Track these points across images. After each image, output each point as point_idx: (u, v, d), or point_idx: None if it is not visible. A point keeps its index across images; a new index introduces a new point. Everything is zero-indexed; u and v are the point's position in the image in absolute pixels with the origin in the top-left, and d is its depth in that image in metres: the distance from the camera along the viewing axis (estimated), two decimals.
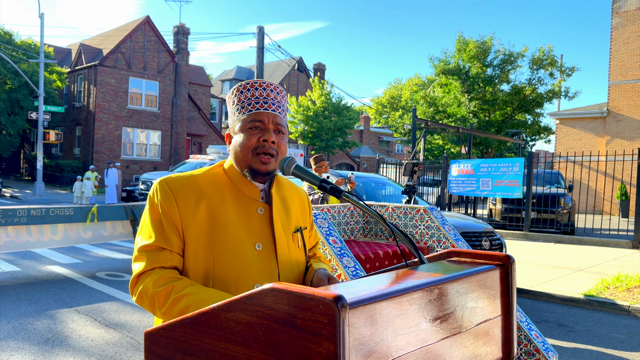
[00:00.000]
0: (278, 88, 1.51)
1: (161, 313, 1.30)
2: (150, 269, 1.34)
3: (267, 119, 1.44)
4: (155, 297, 1.30)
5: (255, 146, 1.42)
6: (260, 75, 18.81)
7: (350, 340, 0.90)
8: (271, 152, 1.42)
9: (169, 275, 1.33)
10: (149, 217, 1.39)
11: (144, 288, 1.32)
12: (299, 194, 1.63)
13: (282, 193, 1.55)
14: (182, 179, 1.41)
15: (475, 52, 22.76)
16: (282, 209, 1.51)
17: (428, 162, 18.41)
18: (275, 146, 1.43)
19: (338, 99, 28.96)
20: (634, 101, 20.97)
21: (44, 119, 22.83)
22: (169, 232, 1.36)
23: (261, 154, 1.42)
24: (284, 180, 1.60)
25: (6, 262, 7.74)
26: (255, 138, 1.42)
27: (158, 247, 1.35)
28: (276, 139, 1.44)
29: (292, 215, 1.54)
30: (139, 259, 1.37)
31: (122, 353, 4.16)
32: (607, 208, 20.10)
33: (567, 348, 4.66)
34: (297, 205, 1.59)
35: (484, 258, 1.39)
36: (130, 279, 1.37)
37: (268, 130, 1.43)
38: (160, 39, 28.60)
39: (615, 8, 21.44)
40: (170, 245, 1.36)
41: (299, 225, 1.56)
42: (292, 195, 1.59)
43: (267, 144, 1.42)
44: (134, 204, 7.92)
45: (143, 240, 1.38)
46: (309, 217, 1.65)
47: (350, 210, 4.32)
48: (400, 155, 48.65)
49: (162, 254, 1.35)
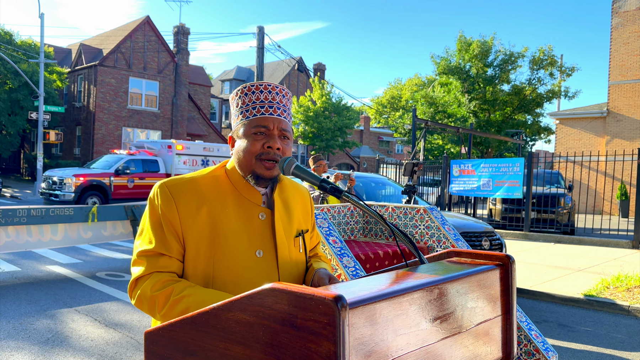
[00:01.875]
0: (284, 90, 1.48)
1: (161, 315, 1.29)
2: (148, 273, 1.33)
3: (272, 125, 1.41)
4: (155, 299, 1.29)
5: (259, 152, 1.40)
6: (260, 76, 18.81)
7: (350, 340, 0.90)
8: (275, 158, 1.40)
9: (167, 278, 1.32)
10: (149, 220, 1.37)
11: (143, 292, 1.31)
12: (302, 194, 1.61)
13: (285, 195, 1.53)
14: (183, 183, 1.39)
15: (476, 51, 22.77)
16: (284, 213, 1.50)
17: (428, 162, 18.41)
18: (280, 152, 1.41)
19: (338, 99, 28.96)
20: (634, 101, 20.97)
21: (44, 119, 22.81)
22: (169, 237, 1.35)
23: (265, 160, 1.40)
24: (286, 180, 1.58)
25: (6, 262, 7.74)
26: (259, 144, 1.40)
27: (157, 253, 1.34)
28: (281, 145, 1.42)
29: (294, 219, 1.52)
30: (138, 263, 1.36)
31: (122, 353, 4.16)
32: (607, 208, 20.09)
33: (567, 348, 4.66)
34: (300, 207, 1.58)
35: (484, 258, 1.39)
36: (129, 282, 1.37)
37: (273, 136, 1.41)
38: (160, 39, 28.60)
39: (615, 8, 21.44)
40: (169, 251, 1.34)
41: (300, 228, 1.54)
42: (295, 197, 1.57)
43: (272, 150, 1.40)
44: (134, 204, 7.92)
45: (143, 244, 1.37)
46: (311, 218, 1.64)
47: (350, 210, 4.32)
48: (400, 155, 48.64)
49: (162, 260, 1.34)
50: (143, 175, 16.45)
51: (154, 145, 17.72)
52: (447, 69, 23.47)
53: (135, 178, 16.20)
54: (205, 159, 17.79)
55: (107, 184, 15.54)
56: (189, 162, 17.35)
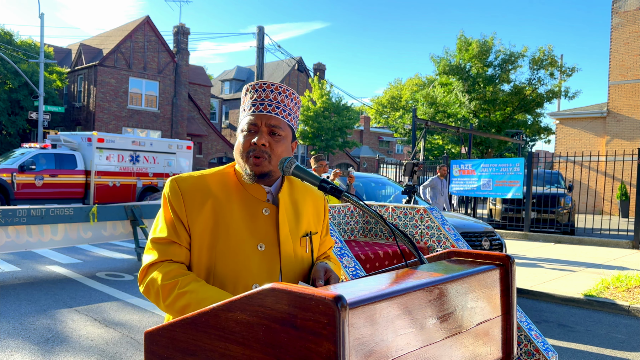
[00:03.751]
0: (281, 88, 1.49)
1: (165, 306, 1.35)
2: (160, 261, 1.39)
3: (260, 122, 1.44)
4: (161, 290, 1.34)
5: (247, 149, 1.44)
6: (260, 76, 18.81)
7: (350, 340, 0.90)
8: (261, 154, 1.42)
9: (177, 270, 1.38)
10: (162, 212, 1.45)
11: (152, 279, 1.37)
12: (315, 198, 1.62)
13: (295, 197, 1.55)
14: (192, 179, 1.46)
15: (476, 51, 22.77)
16: (292, 211, 1.52)
17: (428, 162, 18.40)
18: (266, 149, 1.43)
19: (338, 98, 28.96)
20: (634, 101, 20.97)
21: (44, 119, 22.82)
22: (179, 228, 1.41)
23: (252, 156, 1.43)
24: (299, 183, 1.60)
25: (6, 262, 7.74)
26: (248, 141, 1.45)
27: (169, 241, 1.41)
28: (269, 140, 1.44)
29: (302, 219, 1.54)
30: (150, 250, 1.42)
31: (122, 353, 4.16)
32: (607, 208, 20.09)
33: (567, 348, 4.65)
34: (311, 209, 1.59)
35: (484, 258, 1.39)
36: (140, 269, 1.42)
37: (260, 132, 1.44)
38: (160, 39, 28.60)
39: (615, 8, 21.44)
40: (180, 240, 1.41)
41: (309, 229, 1.55)
42: (306, 199, 1.58)
43: (257, 146, 1.43)
44: (134, 204, 7.93)
45: (156, 233, 1.44)
46: (323, 222, 1.65)
47: (350, 210, 4.32)
48: (400, 155, 48.65)
49: (172, 247, 1.40)
50: (56, 172, 14.02)
51: (73, 138, 15.25)
52: (447, 69, 23.47)
53: (45, 175, 13.81)
54: (134, 154, 15.52)
55: (8, 181, 13.21)
56: (114, 158, 15.04)
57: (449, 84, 24.13)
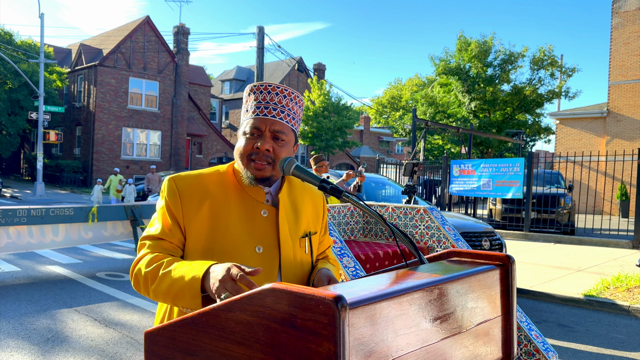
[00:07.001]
0: (286, 91, 1.47)
1: (152, 290, 1.32)
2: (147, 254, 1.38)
3: (264, 126, 1.43)
4: (147, 276, 1.33)
5: (250, 153, 1.42)
6: (260, 76, 18.80)
7: (350, 341, 0.90)
8: (265, 159, 1.41)
9: (161, 255, 1.36)
10: (158, 210, 1.45)
11: (138, 270, 1.36)
12: (313, 197, 1.61)
13: (294, 196, 1.53)
14: (189, 178, 1.44)
15: (476, 52, 22.76)
16: (291, 212, 1.50)
17: (428, 162, 18.40)
18: (270, 154, 1.42)
19: (337, 98, 28.95)
20: (634, 101, 20.97)
21: (44, 119, 22.82)
22: (173, 227, 1.40)
23: (255, 160, 1.41)
24: (298, 183, 1.58)
25: (6, 262, 7.74)
26: (250, 145, 1.43)
27: (159, 238, 1.40)
28: (273, 145, 1.42)
29: (301, 220, 1.52)
30: (141, 247, 1.42)
31: (122, 353, 4.16)
32: (607, 208, 20.09)
33: (567, 348, 4.65)
34: (310, 209, 1.57)
35: (484, 258, 1.39)
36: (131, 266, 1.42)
37: (263, 137, 1.42)
38: (161, 39, 28.60)
39: (615, 8, 21.44)
40: (171, 238, 1.40)
41: (308, 230, 1.54)
42: (304, 199, 1.57)
43: (260, 151, 1.41)
44: (134, 204, 7.93)
45: (149, 230, 1.43)
46: (322, 221, 1.64)
47: (350, 210, 4.32)
48: (400, 156, 48.64)
49: (162, 243, 1.40)
50: None
51: None
52: (447, 69, 23.47)
53: None
54: None
55: None
56: None
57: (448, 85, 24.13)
